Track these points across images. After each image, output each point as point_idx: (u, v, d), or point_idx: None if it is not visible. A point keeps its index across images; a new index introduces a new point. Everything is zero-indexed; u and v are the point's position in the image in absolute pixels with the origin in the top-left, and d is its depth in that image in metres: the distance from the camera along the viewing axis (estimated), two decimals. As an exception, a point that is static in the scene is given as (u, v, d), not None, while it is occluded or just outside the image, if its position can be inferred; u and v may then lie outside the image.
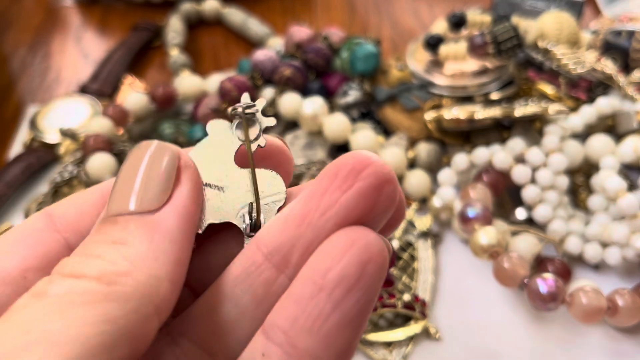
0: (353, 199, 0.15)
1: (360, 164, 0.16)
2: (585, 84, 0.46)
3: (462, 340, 0.37)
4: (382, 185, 0.16)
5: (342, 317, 0.15)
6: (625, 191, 0.38)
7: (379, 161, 0.16)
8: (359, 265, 0.15)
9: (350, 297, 0.15)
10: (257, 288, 0.16)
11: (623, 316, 0.35)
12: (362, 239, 0.15)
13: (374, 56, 0.50)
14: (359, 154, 0.16)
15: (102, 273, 0.14)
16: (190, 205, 0.17)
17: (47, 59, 0.61)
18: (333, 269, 0.15)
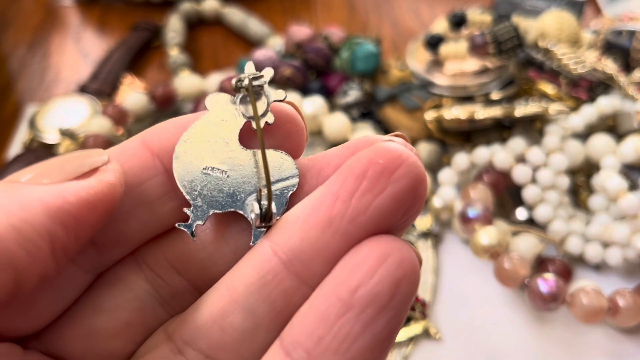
0: (386, 204, 0.14)
1: (392, 162, 0.14)
2: (586, 83, 0.46)
3: (462, 341, 0.37)
4: (416, 187, 0.14)
5: (372, 338, 0.13)
6: (626, 191, 0.38)
7: (411, 156, 0.14)
8: (393, 284, 0.13)
9: (381, 317, 0.13)
10: (275, 298, 0.15)
11: (624, 316, 0.35)
12: (396, 253, 0.14)
13: (374, 56, 0.50)
14: (388, 147, 0.14)
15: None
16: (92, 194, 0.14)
17: (46, 59, 0.61)
18: (364, 286, 0.13)
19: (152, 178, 0.16)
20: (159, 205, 0.16)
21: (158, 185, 0.16)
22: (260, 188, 0.16)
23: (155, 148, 0.16)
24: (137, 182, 0.16)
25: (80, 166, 0.14)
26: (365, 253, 0.14)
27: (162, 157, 0.16)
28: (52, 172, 0.14)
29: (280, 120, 0.16)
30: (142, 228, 0.16)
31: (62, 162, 0.15)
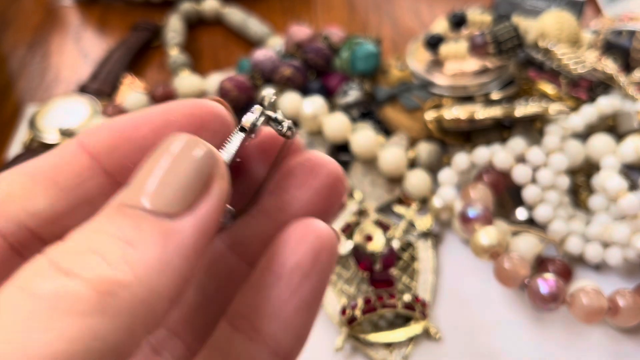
0: (310, 197, 0.18)
1: (316, 165, 0.18)
2: (586, 83, 0.46)
3: (462, 341, 0.37)
4: (335, 184, 0.18)
5: (299, 302, 0.16)
6: (626, 191, 0.38)
7: (331, 161, 0.18)
8: (314, 255, 0.16)
9: (306, 284, 0.16)
10: (221, 275, 0.18)
11: (624, 316, 0.35)
12: (316, 230, 0.17)
13: (374, 56, 0.50)
14: (312, 155, 0.18)
15: (99, 279, 0.13)
16: (212, 222, 0.15)
17: (46, 59, 0.61)
18: (290, 258, 0.16)
19: (91, 178, 0.17)
20: (99, 200, 0.16)
21: (98, 185, 0.17)
22: None
23: (93, 150, 0.17)
24: (76, 183, 0.16)
25: (198, 181, 0.15)
26: (290, 232, 0.17)
27: (100, 158, 0.17)
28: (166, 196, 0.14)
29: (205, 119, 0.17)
30: (83, 221, 0.17)
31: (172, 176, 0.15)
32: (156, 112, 0.17)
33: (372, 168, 0.45)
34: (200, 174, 0.15)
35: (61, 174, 0.16)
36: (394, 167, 0.43)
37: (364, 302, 0.36)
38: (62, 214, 0.16)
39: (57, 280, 0.12)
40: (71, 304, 0.12)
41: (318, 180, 0.18)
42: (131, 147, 0.17)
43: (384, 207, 0.43)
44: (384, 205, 0.43)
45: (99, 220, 0.14)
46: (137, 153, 0.16)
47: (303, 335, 0.17)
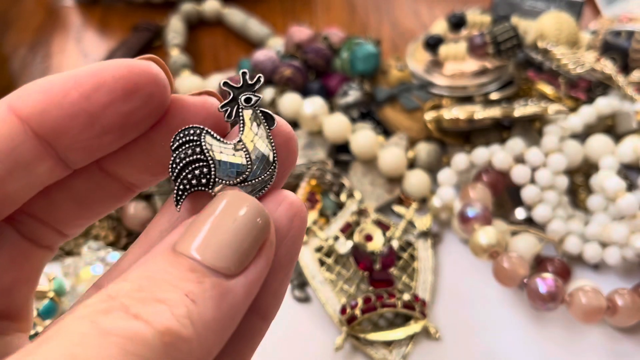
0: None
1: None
2: (585, 84, 0.47)
3: (461, 340, 0.37)
4: (288, 141, 0.19)
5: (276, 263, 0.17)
6: (624, 191, 0.38)
7: (281, 119, 0.19)
8: (288, 219, 0.18)
9: (282, 246, 0.18)
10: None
11: (622, 316, 0.35)
12: (288, 198, 0.18)
13: (374, 56, 0.50)
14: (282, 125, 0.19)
15: (166, 330, 0.14)
16: (259, 284, 0.16)
17: (47, 59, 0.61)
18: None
19: (22, 143, 0.16)
20: (34, 166, 0.17)
21: (30, 149, 0.17)
22: None
23: (24, 114, 0.16)
24: (9, 148, 0.16)
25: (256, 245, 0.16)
26: (264, 201, 0.18)
27: (30, 121, 0.16)
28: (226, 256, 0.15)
29: (137, 82, 0.17)
30: (21, 187, 0.17)
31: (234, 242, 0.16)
32: (86, 74, 0.17)
33: (372, 168, 0.45)
34: (259, 239, 0.16)
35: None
36: (394, 167, 0.43)
37: (363, 302, 0.36)
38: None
39: (128, 322, 0.13)
40: (139, 347, 0.13)
41: (276, 139, 0.18)
42: (61, 112, 0.16)
43: (383, 207, 0.44)
44: (383, 205, 0.44)
45: (158, 263, 0.15)
46: (67, 118, 0.16)
47: (280, 294, 0.18)
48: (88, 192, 0.19)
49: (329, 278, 0.39)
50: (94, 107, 0.16)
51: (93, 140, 0.17)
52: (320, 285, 0.39)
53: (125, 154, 0.18)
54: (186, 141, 0.18)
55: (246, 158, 0.18)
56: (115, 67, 0.17)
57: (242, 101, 0.18)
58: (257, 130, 0.18)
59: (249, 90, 0.19)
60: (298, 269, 0.40)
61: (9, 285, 0.19)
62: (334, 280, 0.39)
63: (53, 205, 0.19)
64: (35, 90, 0.17)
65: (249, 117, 0.18)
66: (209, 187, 0.18)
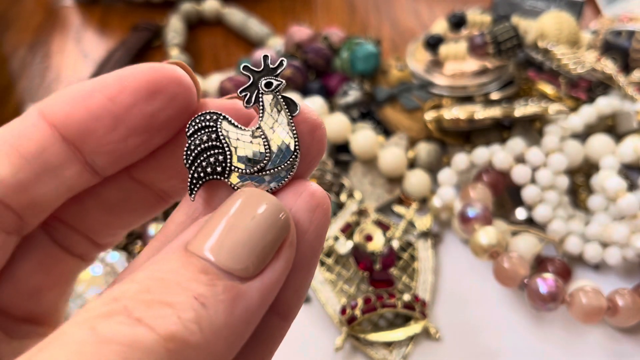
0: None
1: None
2: (585, 84, 0.46)
3: (461, 340, 0.37)
4: (314, 130, 0.17)
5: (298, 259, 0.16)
6: (625, 191, 0.38)
7: (308, 107, 0.17)
8: (309, 211, 0.16)
9: (304, 240, 0.16)
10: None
11: (623, 316, 0.35)
12: (308, 189, 0.17)
13: (374, 56, 0.50)
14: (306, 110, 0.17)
15: (171, 335, 0.13)
16: (276, 288, 0.15)
17: (47, 59, 0.61)
18: None
19: (51, 146, 0.17)
20: (62, 170, 0.17)
21: (58, 152, 0.17)
22: None
23: (52, 118, 0.17)
24: (38, 151, 0.17)
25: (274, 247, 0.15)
26: (284, 195, 0.17)
27: (58, 125, 0.17)
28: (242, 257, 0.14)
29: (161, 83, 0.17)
30: (51, 191, 0.17)
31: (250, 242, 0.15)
32: (112, 78, 0.17)
33: (372, 168, 0.45)
34: (278, 239, 0.15)
35: (24, 142, 0.16)
36: (394, 167, 0.43)
37: (363, 302, 0.36)
38: (26, 182, 0.17)
39: (129, 327, 0.12)
40: (140, 355, 0.12)
41: (299, 127, 0.17)
42: (87, 115, 0.17)
43: (384, 207, 0.44)
44: (384, 205, 0.44)
45: (168, 263, 0.14)
46: (92, 120, 0.17)
47: (302, 292, 0.17)
48: (120, 201, 0.19)
49: (329, 278, 0.39)
50: (118, 108, 0.17)
51: (118, 144, 0.17)
52: (320, 286, 0.38)
53: (155, 161, 0.18)
54: (202, 127, 0.17)
55: (264, 146, 0.17)
56: (140, 70, 0.17)
57: (263, 86, 0.17)
58: (277, 116, 0.17)
59: (271, 75, 0.17)
60: (298, 269, 0.40)
61: (34, 289, 0.18)
62: (334, 281, 0.39)
63: (85, 213, 0.19)
64: (63, 96, 0.17)
65: (269, 103, 0.17)
66: (225, 176, 0.17)
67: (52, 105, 0.17)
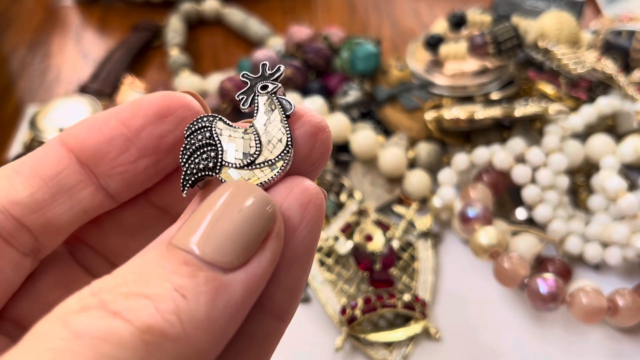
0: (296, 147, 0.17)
1: (294, 114, 0.17)
2: (586, 83, 0.46)
3: (462, 340, 0.37)
4: (317, 133, 0.17)
5: (291, 256, 0.16)
6: (625, 191, 0.38)
7: (312, 111, 0.17)
8: (301, 207, 0.16)
9: (296, 237, 0.16)
10: None
11: (623, 316, 0.35)
12: (300, 184, 0.16)
13: (374, 56, 0.50)
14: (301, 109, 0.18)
15: (148, 328, 0.12)
16: (262, 280, 0.15)
17: (46, 59, 0.61)
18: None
19: (66, 168, 0.18)
20: (77, 191, 0.18)
21: (73, 174, 0.18)
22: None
23: (70, 144, 0.18)
24: (55, 173, 0.18)
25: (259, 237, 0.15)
26: (275, 191, 0.17)
27: (74, 149, 0.18)
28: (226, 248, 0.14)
29: (170, 107, 0.18)
30: (66, 213, 0.18)
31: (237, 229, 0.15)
32: (126, 105, 0.18)
33: (372, 168, 0.45)
34: (263, 231, 0.15)
35: (42, 165, 0.18)
36: (394, 167, 0.43)
37: (364, 302, 0.36)
38: (43, 202, 0.17)
39: (105, 321, 0.12)
40: (113, 350, 0.12)
41: (299, 130, 0.17)
42: (101, 138, 0.18)
43: (384, 207, 0.44)
44: (384, 205, 0.43)
45: (149, 257, 0.14)
46: (105, 142, 0.18)
47: (297, 291, 0.17)
48: (138, 224, 0.20)
49: (329, 278, 0.39)
50: (129, 131, 0.18)
51: (129, 165, 0.18)
52: (320, 286, 0.38)
53: (170, 185, 0.19)
54: (199, 128, 0.18)
55: (255, 140, 0.17)
56: (153, 96, 0.18)
57: (259, 89, 0.18)
58: (270, 114, 0.18)
59: (268, 80, 0.18)
60: (298, 269, 0.40)
61: (52, 304, 0.19)
62: (334, 281, 0.39)
63: (104, 236, 0.20)
64: (82, 123, 0.18)
65: (263, 103, 0.18)
66: (216, 171, 0.17)
67: (71, 132, 0.18)
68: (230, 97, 0.46)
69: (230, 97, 0.46)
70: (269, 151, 0.17)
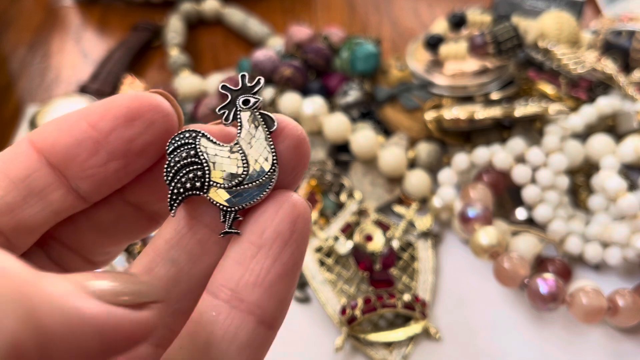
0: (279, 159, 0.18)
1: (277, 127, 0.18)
2: (586, 83, 0.46)
3: (462, 340, 0.37)
4: (299, 145, 0.18)
5: (281, 268, 0.17)
6: (625, 191, 0.38)
7: (291, 122, 0.18)
8: (291, 222, 0.17)
9: (286, 250, 0.17)
10: (192, 247, 0.19)
11: (623, 316, 0.35)
12: (289, 200, 0.17)
13: (374, 56, 0.50)
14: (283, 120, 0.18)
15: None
16: None
17: (46, 59, 0.61)
18: (269, 228, 0.17)
19: (37, 170, 0.18)
20: (48, 193, 0.18)
21: (44, 176, 0.18)
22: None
23: (39, 145, 0.18)
24: (25, 175, 0.18)
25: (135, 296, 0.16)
26: (266, 205, 0.18)
27: (44, 151, 0.18)
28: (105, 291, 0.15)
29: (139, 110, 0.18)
30: (37, 214, 0.18)
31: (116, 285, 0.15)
32: (96, 106, 0.18)
33: (372, 168, 0.45)
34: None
35: (11, 168, 0.18)
36: (394, 167, 0.43)
37: (364, 302, 0.36)
38: (14, 204, 0.17)
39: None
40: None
41: (282, 144, 0.18)
42: (71, 141, 0.18)
43: (384, 207, 0.44)
44: (384, 205, 0.43)
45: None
46: (75, 145, 0.18)
47: (286, 300, 0.18)
48: (113, 222, 0.20)
49: (329, 278, 0.39)
50: (99, 134, 0.18)
51: (99, 168, 0.18)
52: (320, 286, 0.38)
53: (144, 184, 0.19)
54: (182, 144, 0.18)
55: (242, 160, 0.18)
56: (122, 98, 0.18)
57: (240, 103, 0.18)
58: (255, 132, 0.18)
59: (248, 93, 0.18)
60: (298, 269, 0.40)
61: None
62: (334, 281, 0.39)
63: (79, 234, 0.20)
64: (52, 124, 0.18)
65: (246, 119, 0.18)
66: (204, 191, 0.18)
67: (41, 133, 0.18)
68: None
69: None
70: (256, 171, 0.18)
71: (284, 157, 0.18)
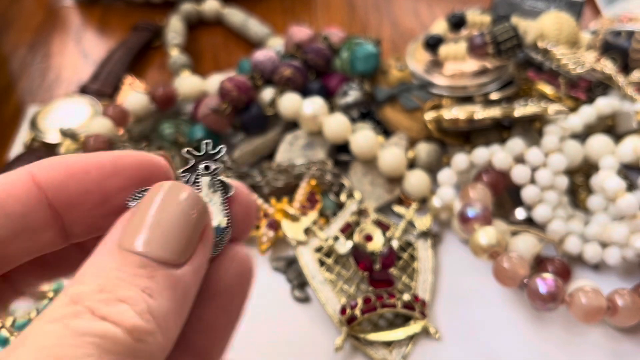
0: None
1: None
2: (585, 84, 0.46)
3: (461, 340, 0.37)
4: (250, 209, 0.20)
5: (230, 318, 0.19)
6: (624, 191, 0.38)
7: (244, 189, 0.20)
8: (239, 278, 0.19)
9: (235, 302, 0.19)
10: None
11: (623, 316, 0.35)
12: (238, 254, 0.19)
13: (374, 56, 0.50)
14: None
15: (133, 327, 0.14)
16: (204, 267, 0.17)
17: (47, 59, 0.61)
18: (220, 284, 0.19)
19: (36, 211, 0.17)
20: (40, 233, 0.18)
21: (41, 216, 0.18)
22: None
23: (42, 182, 0.18)
24: (22, 212, 0.17)
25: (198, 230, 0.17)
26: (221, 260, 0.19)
27: (48, 191, 0.18)
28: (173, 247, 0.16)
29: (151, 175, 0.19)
30: (23, 250, 0.18)
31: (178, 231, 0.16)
32: (107, 158, 0.18)
33: (372, 168, 0.45)
34: (200, 226, 0.17)
35: (10, 201, 0.17)
36: (394, 167, 0.43)
37: (363, 302, 0.36)
38: (5, 238, 0.17)
39: (98, 323, 0.14)
40: (113, 345, 0.14)
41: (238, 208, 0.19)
42: (79, 188, 0.18)
43: (383, 207, 0.44)
44: (383, 205, 0.44)
45: (107, 263, 0.16)
46: (83, 194, 0.18)
47: (225, 340, 0.19)
48: (57, 259, 0.20)
49: (329, 278, 0.39)
50: (110, 188, 0.18)
51: (99, 219, 0.18)
52: (320, 286, 0.39)
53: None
54: None
55: None
56: (135, 157, 0.18)
57: (202, 169, 0.19)
58: (212, 197, 0.19)
59: (210, 159, 0.20)
60: (298, 269, 0.40)
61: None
62: (333, 281, 0.39)
63: (25, 266, 0.19)
64: (58, 163, 0.18)
65: (206, 184, 0.19)
66: None
67: (46, 170, 0.18)
68: (230, 97, 0.46)
69: (230, 98, 0.46)
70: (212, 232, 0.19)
71: (238, 221, 0.19)
